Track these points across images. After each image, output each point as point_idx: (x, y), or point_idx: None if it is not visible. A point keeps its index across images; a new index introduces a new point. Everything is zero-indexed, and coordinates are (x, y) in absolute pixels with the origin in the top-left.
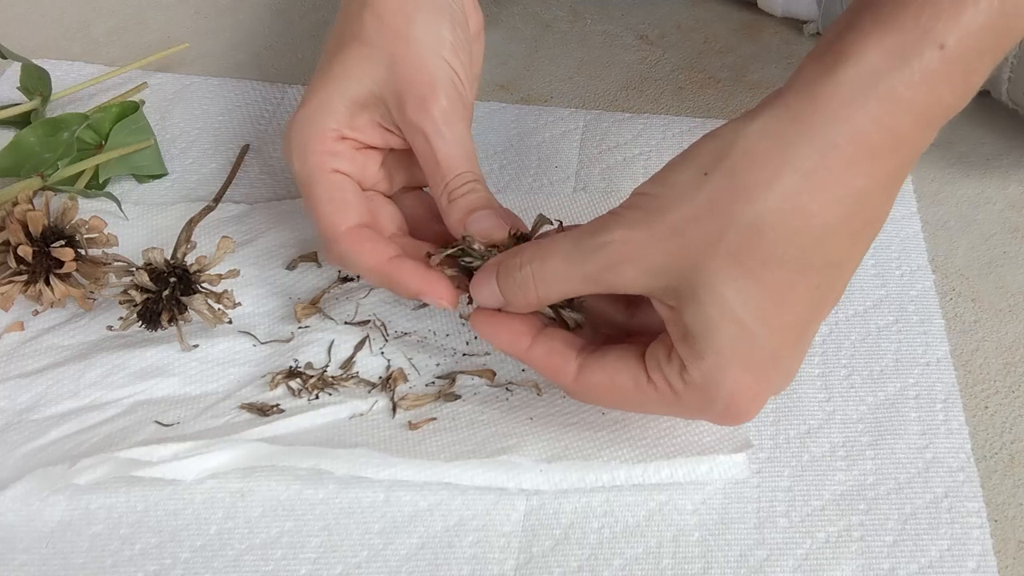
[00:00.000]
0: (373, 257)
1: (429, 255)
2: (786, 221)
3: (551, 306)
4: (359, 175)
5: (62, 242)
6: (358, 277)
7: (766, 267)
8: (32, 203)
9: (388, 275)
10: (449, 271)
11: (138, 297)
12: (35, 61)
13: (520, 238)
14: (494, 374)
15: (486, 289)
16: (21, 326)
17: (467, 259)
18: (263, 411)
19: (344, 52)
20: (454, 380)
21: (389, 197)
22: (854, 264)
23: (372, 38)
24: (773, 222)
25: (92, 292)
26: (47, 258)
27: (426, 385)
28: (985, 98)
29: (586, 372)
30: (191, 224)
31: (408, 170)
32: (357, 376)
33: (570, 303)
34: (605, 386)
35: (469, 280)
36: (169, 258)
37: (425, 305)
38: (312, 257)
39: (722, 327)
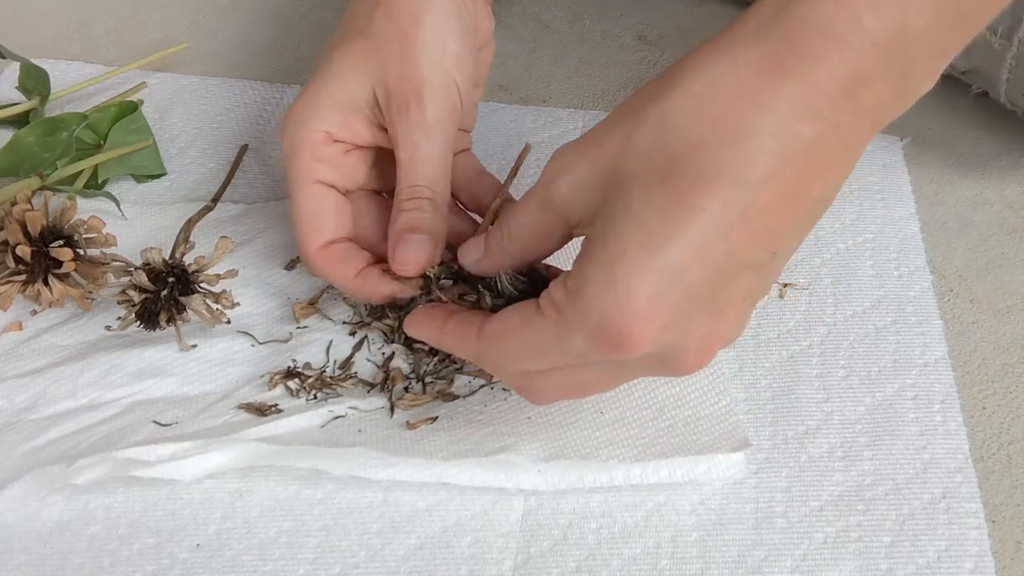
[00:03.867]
0: (340, 276)
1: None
2: (687, 120)
3: None
4: (344, 181)
5: (61, 242)
6: None
7: (669, 165)
8: (31, 203)
9: (357, 290)
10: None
11: (136, 297)
12: (34, 61)
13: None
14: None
15: (471, 245)
16: (19, 326)
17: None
18: (261, 411)
19: (347, 45)
20: (452, 380)
21: (382, 194)
22: (769, 199)
23: (378, 33)
24: (675, 121)
25: (91, 292)
26: (46, 258)
27: (425, 384)
28: (983, 99)
29: (485, 327)
30: (189, 224)
31: None
32: (356, 376)
33: None
34: (500, 333)
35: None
36: (167, 258)
37: None
38: None
39: (620, 220)
